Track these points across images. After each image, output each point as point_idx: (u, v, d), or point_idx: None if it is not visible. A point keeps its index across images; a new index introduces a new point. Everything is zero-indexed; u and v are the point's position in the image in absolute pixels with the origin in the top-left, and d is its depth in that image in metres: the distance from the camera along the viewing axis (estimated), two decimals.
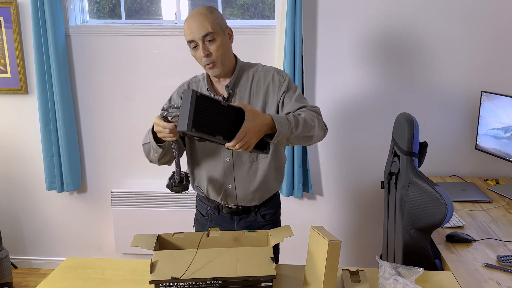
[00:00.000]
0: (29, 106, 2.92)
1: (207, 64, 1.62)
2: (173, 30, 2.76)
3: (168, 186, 1.65)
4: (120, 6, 2.89)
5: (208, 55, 1.59)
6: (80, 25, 2.87)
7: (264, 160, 1.72)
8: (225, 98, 1.68)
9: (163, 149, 1.61)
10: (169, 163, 1.75)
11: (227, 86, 1.68)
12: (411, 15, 2.61)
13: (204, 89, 1.73)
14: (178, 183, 1.63)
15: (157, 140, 1.59)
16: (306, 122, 1.52)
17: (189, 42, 1.61)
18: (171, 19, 2.88)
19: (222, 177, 1.74)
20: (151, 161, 1.72)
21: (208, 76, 1.73)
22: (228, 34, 1.66)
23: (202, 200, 1.87)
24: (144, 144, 1.69)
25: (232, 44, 1.71)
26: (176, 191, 1.65)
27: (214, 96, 1.68)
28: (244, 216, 1.80)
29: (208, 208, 1.84)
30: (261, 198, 1.78)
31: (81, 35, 2.82)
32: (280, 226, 1.92)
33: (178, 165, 1.62)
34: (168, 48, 2.78)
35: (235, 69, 1.70)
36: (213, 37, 1.58)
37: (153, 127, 1.56)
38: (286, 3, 2.51)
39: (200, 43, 1.58)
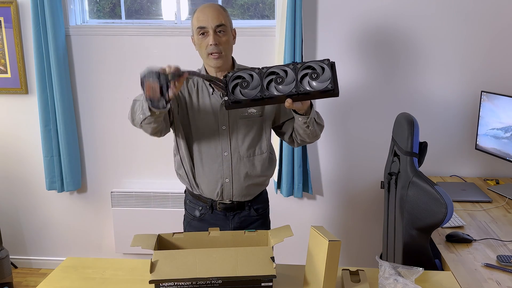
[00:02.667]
0: (29, 106, 2.92)
1: (213, 53, 1.66)
2: (173, 30, 2.76)
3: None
4: (120, 6, 2.89)
5: (217, 44, 1.65)
6: (80, 25, 2.87)
7: (260, 156, 1.79)
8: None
9: (152, 115, 1.54)
10: (157, 134, 1.67)
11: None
12: (412, 15, 2.61)
13: (200, 82, 1.76)
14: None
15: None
16: (319, 114, 1.73)
17: (200, 28, 1.65)
18: (171, 19, 2.88)
19: (220, 171, 1.76)
20: (132, 122, 1.65)
21: (205, 71, 1.77)
22: (232, 35, 1.74)
23: (192, 201, 1.88)
24: (135, 99, 1.63)
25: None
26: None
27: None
28: (238, 211, 1.83)
29: (201, 208, 1.85)
30: (254, 193, 1.84)
31: (81, 35, 2.82)
32: (269, 220, 1.99)
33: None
34: (168, 48, 2.78)
35: (234, 67, 1.78)
36: (225, 29, 1.66)
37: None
38: (286, 3, 2.50)
39: (211, 32, 1.64)
